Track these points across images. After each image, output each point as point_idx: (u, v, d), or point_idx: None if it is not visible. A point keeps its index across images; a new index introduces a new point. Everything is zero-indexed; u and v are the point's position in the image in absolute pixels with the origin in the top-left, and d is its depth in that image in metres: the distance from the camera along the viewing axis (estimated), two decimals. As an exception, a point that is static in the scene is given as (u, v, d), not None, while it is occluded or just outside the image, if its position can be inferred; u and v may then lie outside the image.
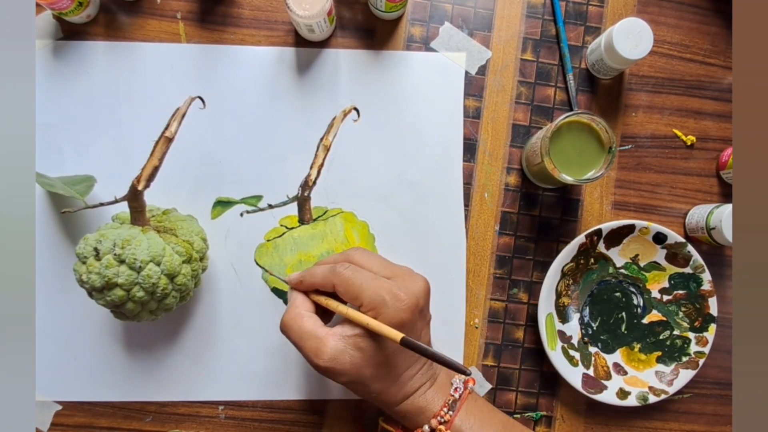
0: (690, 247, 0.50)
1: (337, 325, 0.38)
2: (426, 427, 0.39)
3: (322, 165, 0.50)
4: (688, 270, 0.51)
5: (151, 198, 0.46)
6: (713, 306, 0.51)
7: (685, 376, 0.50)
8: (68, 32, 0.50)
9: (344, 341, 0.37)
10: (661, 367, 0.51)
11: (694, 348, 0.51)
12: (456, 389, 0.40)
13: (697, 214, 0.51)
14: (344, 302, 0.40)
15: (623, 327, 0.52)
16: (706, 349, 0.51)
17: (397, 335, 0.35)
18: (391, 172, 0.51)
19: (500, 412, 0.42)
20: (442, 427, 0.38)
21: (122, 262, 0.40)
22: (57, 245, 0.49)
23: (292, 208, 0.50)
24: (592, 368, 0.51)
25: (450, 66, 0.52)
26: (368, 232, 0.51)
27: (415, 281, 0.39)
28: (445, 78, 0.52)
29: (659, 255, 0.51)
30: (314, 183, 0.50)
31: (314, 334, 0.37)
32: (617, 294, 0.52)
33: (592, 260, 0.51)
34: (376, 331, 0.36)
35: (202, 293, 0.50)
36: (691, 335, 0.51)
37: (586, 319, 0.52)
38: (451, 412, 0.39)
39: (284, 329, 0.39)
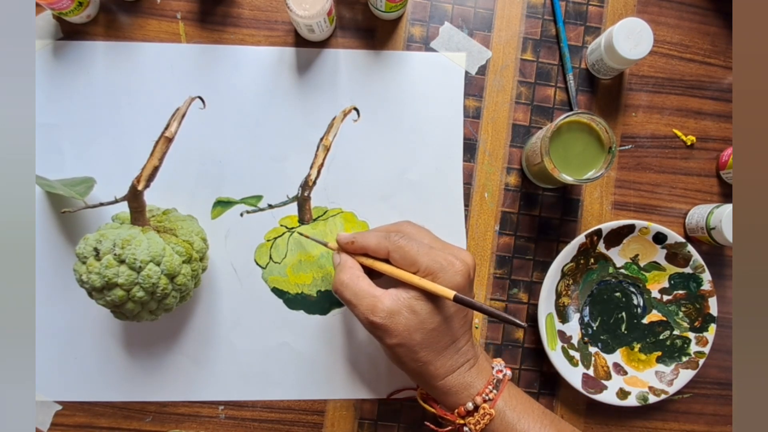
0: (690, 247, 0.50)
1: (392, 288, 0.39)
2: (470, 404, 0.39)
3: (322, 165, 0.50)
4: (688, 270, 0.51)
5: (151, 198, 0.45)
6: (713, 306, 0.51)
7: (685, 376, 0.50)
8: (68, 32, 0.50)
9: (400, 302, 0.38)
10: (661, 367, 0.51)
11: (694, 348, 0.51)
12: (499, 371, 0.41)
13: (697, 214, 0.51)
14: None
15: (623, 327, 0.52)
16: (706, 349, 0.51)
17: (450, 292, 0.37)
18: (392, 172, 0.51)
19: (536, 401, 0.42)
20: (486, 405, 0.39)
21: (122, 262, 0.40)
22: (57, 245, 0.49)
23: (292, 208, 0.50)
24: (592, 368, 0.51)
25: (450, 66, 0.52)
26: (368, 232, 0.51)
27: (466, 253, 0.40)
28: (445, 78, 0.52)
29: (659, 255, 0.51)
30: (314, 183, 0.50)
31: (371, 293, 0.39)
32: (617, 294, 0.52)
33: (592, 260, 0.51)
34: (431, 291, 0.38)
35: (202, 293, 0.50)
36: (691, 335, 0.51)
37: (586, 319, 0.52)
38: (495, 391, 0.39)
39: (339, 288, 0.40)
